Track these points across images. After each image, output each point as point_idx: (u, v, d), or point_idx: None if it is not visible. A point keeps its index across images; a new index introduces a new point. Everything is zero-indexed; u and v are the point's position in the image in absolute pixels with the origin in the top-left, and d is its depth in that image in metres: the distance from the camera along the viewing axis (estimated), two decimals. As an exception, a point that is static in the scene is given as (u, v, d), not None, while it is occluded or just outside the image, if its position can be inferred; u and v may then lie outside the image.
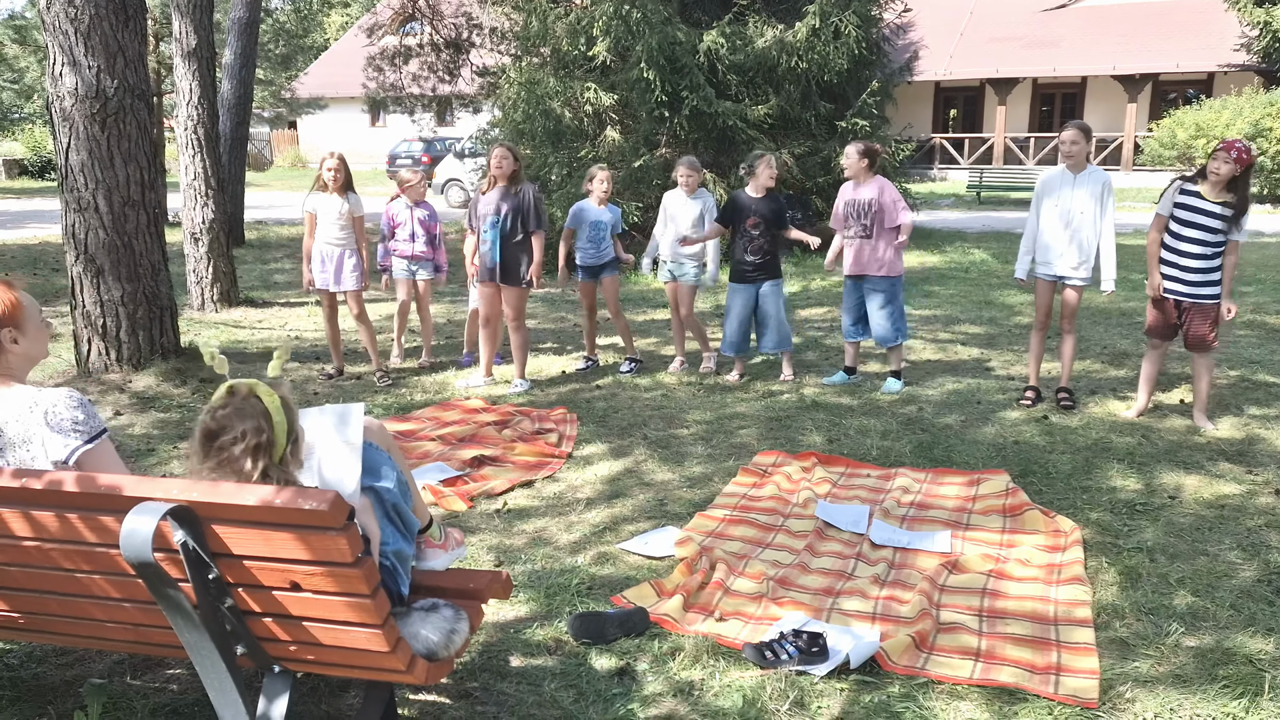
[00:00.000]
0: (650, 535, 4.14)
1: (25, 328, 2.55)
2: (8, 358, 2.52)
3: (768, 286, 6.49)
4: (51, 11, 6.19)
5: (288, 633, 2.26)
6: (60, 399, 2.44)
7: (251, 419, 2.20)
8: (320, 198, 6.45)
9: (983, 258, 12.49)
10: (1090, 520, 4.26)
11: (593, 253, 6.88)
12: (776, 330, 6.55)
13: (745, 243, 6.43)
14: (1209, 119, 19.03)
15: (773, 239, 6.43)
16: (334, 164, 6.40)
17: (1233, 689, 2.95)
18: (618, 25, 11.31)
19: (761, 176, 6.40)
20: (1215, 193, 5.19)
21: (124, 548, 2.05)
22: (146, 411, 6.01)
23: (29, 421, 2.41)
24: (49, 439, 2.39)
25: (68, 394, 2.46)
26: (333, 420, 2.56)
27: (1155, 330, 5.54)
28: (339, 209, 6.40)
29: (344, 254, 6.48)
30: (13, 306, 2.52)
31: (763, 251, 6.42)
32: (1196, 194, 5.24)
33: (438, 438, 5.46)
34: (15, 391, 2.47)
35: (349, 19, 43.79)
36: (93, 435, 2.44)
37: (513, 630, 3.35)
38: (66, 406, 2.42)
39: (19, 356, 2.54)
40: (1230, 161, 5.07)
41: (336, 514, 2.02)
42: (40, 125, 31.64)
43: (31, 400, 2.44)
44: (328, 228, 6.44)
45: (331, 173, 6.37)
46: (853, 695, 2.95)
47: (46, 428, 2.40)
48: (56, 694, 2.95)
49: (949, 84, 27.84)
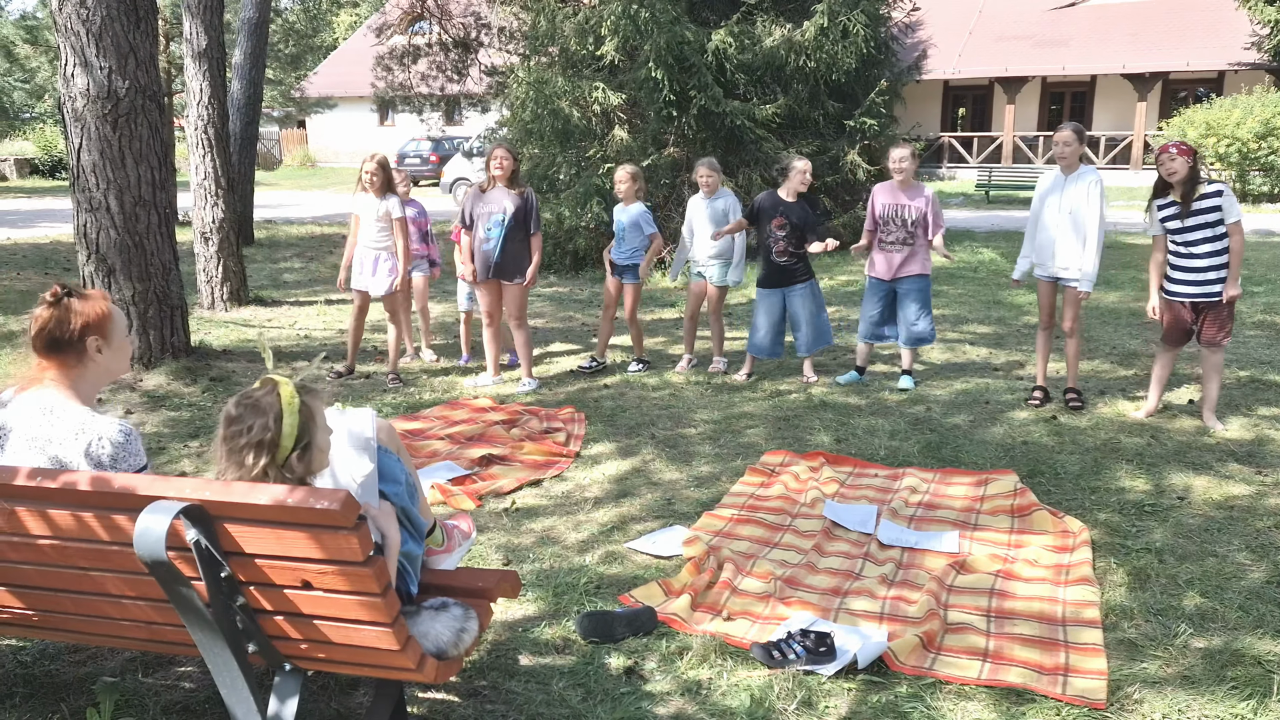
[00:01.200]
0: (658, 535, 4.16)
1: (112, 339, 2.54)
2: (87, 369, 2.50)
3: (797, 291, 6.46)
4: (64, 12, 6.23)
5: (299, 631, 2.28)
6: (108, 432, 2.40)
7: (263, 416, 2.21)
8: (361, 199, 6.52)
9: (991, 257, 12.47)
10: (1099, 521, 4.25)
11: (620, 250, 6.90)
12: (811, 331, 6.52)
13: (771, 244, 6.42)
14: (1219, 118, 18.96)
15: (799, 242, 6.39)
16: (372, 167, 6.45)
17: (1241, 690, 2.94)
18: (626, 25, 11.31)
19: (794, 180, 6.38)
20: (1182, 191, 5.29)
21: (137, 546, 2.07)
22: (157, 410, 6.04)
23: (71, 448, 2.39)
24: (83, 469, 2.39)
25: (117, 428, 2.42)
26: (347, 424, 2.58)
27: (1170, 337, 5.54)
28: (377, 210, 6.44)
29: (380, 257, 6.52)
30: (103, 315, 2.51)
31: (789, 255, 6.39)
32: (1171, 203, 5.35)
33: (446, 437, 5.48)
34: (69, 410, 2.44)
35: (358, 19, 43.89)
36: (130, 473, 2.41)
37: (521, 629, 3.37)
38: (110, 442, 2.39)
39: (100, 369, 2.52)
40: (1176, 157, 5.21)
41: (348, 513, 2.03)
42: (52, 125, 31.80)
43: (80, 426, 2.41)
44: (367, 229, 6.51)
45: (369, 175, 6.42)
46: (860, 695, 2.96)
47: (85, 459, 2.38)
48: (70, 691, 2.97)
49: (958, 83, 27.77)
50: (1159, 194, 5.42)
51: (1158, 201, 5.44)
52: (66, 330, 2.45)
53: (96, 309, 2.50)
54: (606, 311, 7.14)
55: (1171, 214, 5.37)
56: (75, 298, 2.48)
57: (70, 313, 2.46)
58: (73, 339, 2.46)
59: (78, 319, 2.46)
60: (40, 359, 2.49)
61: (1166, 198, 5.38)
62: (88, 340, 2.48)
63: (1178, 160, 5.21)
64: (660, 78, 11.31)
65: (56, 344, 2.46)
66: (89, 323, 2.48)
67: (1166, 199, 5.38)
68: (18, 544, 2.29)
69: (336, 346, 7.80)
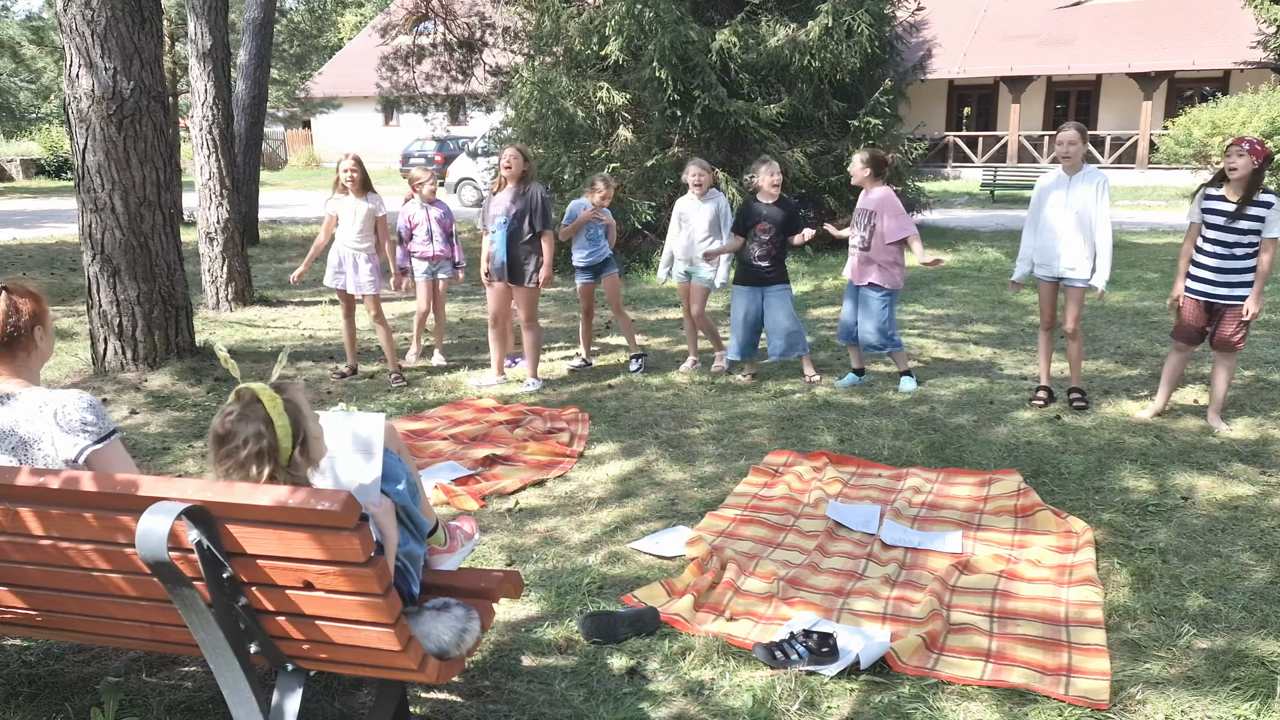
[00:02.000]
0: (661, 535, 4.16)
1: (47, 323, 2.62)
2: (32, 356, 2.57)
3: (773, 292, 6.46)
4: (68, 13, 6.25)
5: (301, 631, 2.28)
6: (70, 400, 2.46)
7: (253, 425, 2.22)
8: (340, 200, 6.49)
9: (996, 257, 12.45)
10: (1102, 521, 4.25)
11: (590, 251, 6.91)
12: (784, 336, 6.51)
13: (754, 246, 6.42)
14: (1225, 116, 18.89)
15: (781, 245, 6.39)
16: (349, 165, 6.43)
17: (1244, 691, 2.94)
18: (630, 24, 11.32)
19: (763, 184, 6.38)
20: (1237, 193, 5.16)
21: (139, 547, 2.07)
22: (162, 410, 6.06)
23: (40, 421, 2.43)
24: (59, 438, 2.42)
25: (78, 395, 2.48)
26: (354, 427, 2.58)
27: (1182, 334, 5.49)
28: (357, 211, 6.43)
29: (361, 257, 6.51)
30: (42, 304, 2.58)
31: (769, 257, 6.40)
32: (1220, 197, 5.22)
33: (450, 437, 5.48)
34: (29, 392, 2.50)
35: (363, 19, 43.94)
36: (102, 436, 2.46)
37: (524, 629, 3.37)
38: (76, 408, 2.45)
39: (40, 355, 2.60)
40: (1245, 154, 5.06)
41: (349, 514, 2.04)
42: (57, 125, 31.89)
43: (41, 401, 2.47)
44: (346, 230, 6.48)
45: (348, 174, 6.40)
46: (863, 696, 2.96)
47: (56, 427, 2.42)
48: (74, 691, 2.98)
49: (963, 82, 27.73)
50: (1214, 184, 5.28)
51: (1208, 189, 5.30)
52: (18, 326, 2.51)
53: (34, 299, 2.56)
54: (584, 313, 7.18)
55: (1215, 208, 5.23)
56: (13, 292, 2.52)
57: (17, 309, 2.51)
58: (22, 334, 2.52)
59: (24, 313, 2.52)
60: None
61: (1219, 189, 5.24)
62: (34, 331, 2.55)
63: (1244, 158, 5.05)
64: (664, 77, 11.31)
65: (10, 341, 2.51)
66: (34, 312, 2.55)
67: (1218, 191, 5.24)
68: (21, 544, 2.30)
69: (340, 348, 7.82)
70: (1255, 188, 5.09)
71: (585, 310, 7.16)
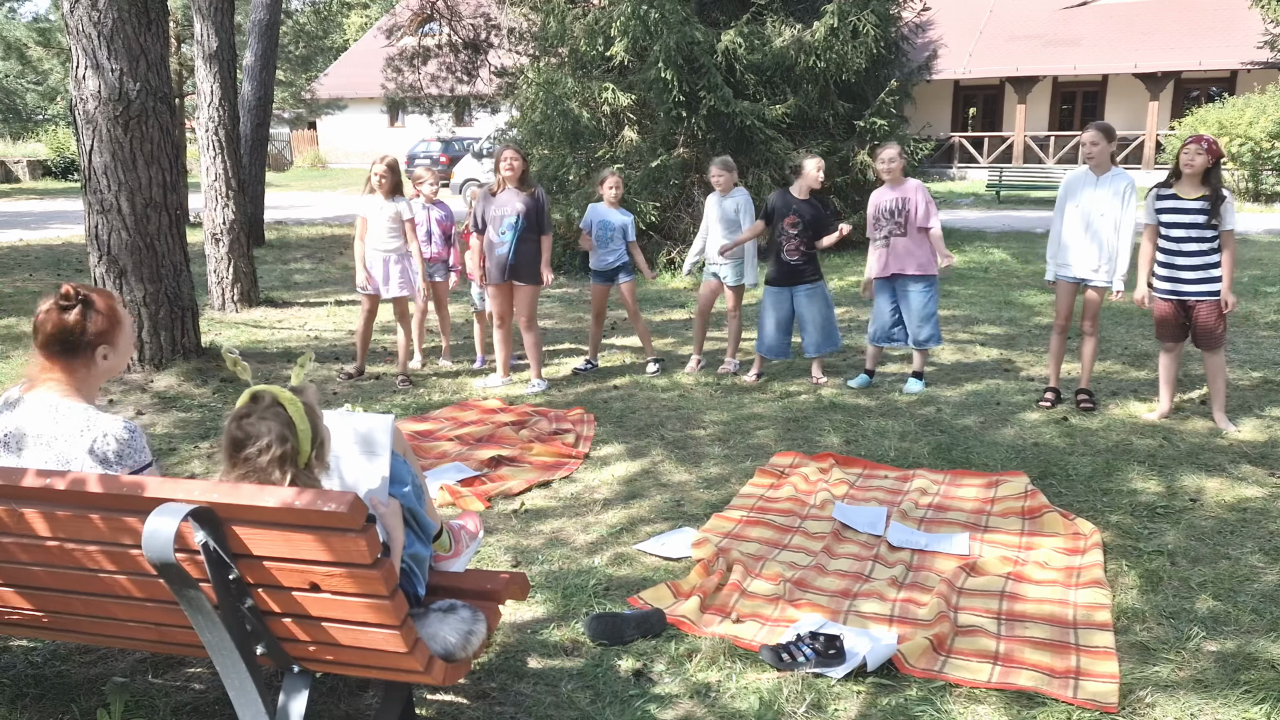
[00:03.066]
0: (667, 536, 4.15)
1: (119, 346, 2.55)
2: (91, 373, 2.51)
3: (804, 290, 6.45)
4: (75, 15, 6.26)
5: (307, 633, 2.28)
6: (112, 429, 2.41)
7: (276, 428, 2.21)
8: (369, 201, 6.51)
9: (1002, 257, 12.42)
10: (1110, 523, 4.23)
11: (601, 254, 6.89)
12: (818, 333, 6.50)
13: (783, 242, 6.40)
14: (1232, 117, 18.84)
15: (810, 241, 6.38)
16: (381, 169, 6.44)
17: (1254, 694, 2.92)
18: (635, 25, 11.31)
19: (808, 177, 6.37)
20: (1191, 188, 5.27)
21: (146, 548, 2.07)
22: (168, 411, 6.07)
23: (76, 445, 2.40)
24: (90, 467, 2.40)
25: (121, 425, 2.43)
26: (361, 427, 2.58)
27: (1164, 332, 5.55)
28: (384, 212, 6.44)
29: (391, 259, 6.52)
30: (116, 325, 2.52)
31: (800, 254, 6.38)
32: (1173, 195, 5.33)
33: (455, 438, 5.48)
34: (74, 410, 2.45)
35: (368, 20, 44.02)
36: (136, 470, 2.43)
37: (530, 631, 3.37)
38: (114, 438, 2.41)
39: (102, 372, 2.54)
40: (1203, 153, 5.19)
41: (356, 515, 2.03)
42: (64, 127, 32.00)
43: (85, 423, 2.42)
44: (377, 232, 6.50)
45: (378, 177, 6.42)
46: (870, 698, 2.95)
47: (90, 456, 2.39)
48: (80, 692, 2.98)
49: (968, 82, 27.69)
50: (1165, 184, 5.39)
51: (1159, 190, 5.41)
52: (81, 338, 2.46)
53: (111, 318, 2.51)
54: (595, 316, 7.15)
55: (1168, 206, 5.34)
56: (92, 305, 2.47)
57: (87, 321, 2.46)
58: (84, 346, 2.47)
59: (92, 328, 2.47)
60: (46, 360, 2.48)
61: (1169, 188, 5.35)
62: (98, 349, 2.50)
63: (1202, 157, 5.18)
64: (670, 78, 11.30)
65: (69, 349, 2.47)
66: (102, 331, 2.49)
67: (1168, 190, 5.35)
68: (28, 545, 2.30)
69: (347, 349, 7.82)
70: (1206, 185, 5.22)
71: (596, 314, 7.14)
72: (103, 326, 2.49)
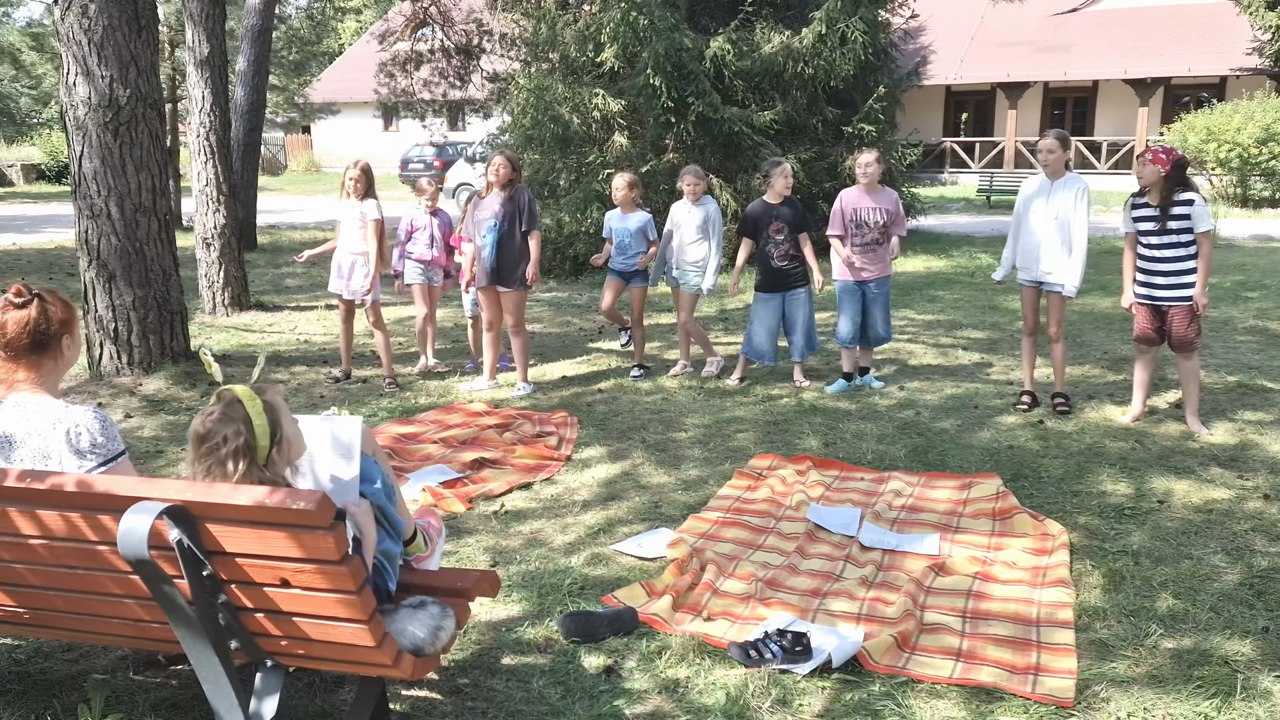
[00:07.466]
0: (644, 537, 4.22)
1: (75, 332, 2.64)
2: (56, 365, 2.58)
3: (793, 295, 6.58)
4: (66, 22, 6.33)
5: (279, 628, 2.35)
6: (84, 420, 2.47)
7: (233, 424, 2.30)
8: (343, 205, 6.61)
9: (989, 262, 12.51)
10: (1078, 524, 4.31)
11: (619, 260, 6.98)
12: (804, 337, 6.66)
13: (772, 249, 6.51)
14: (1220, 123, 18.98)
15: (796, 243, 6.52)
16: (354, 174, 6.55)
17: (1207, 689, 3.00)
18: (625, 32, 11.40)
19: (777, 184, 6.49)
20: (1158, 197, 5.40)
21: (121, 545, 2.14)
22: (156, 414, 6.13)
23: (51, 438, 2.46)
24: (66, 458, 2.46)
25: (92, 416, 2.49)
26: (333, 430, 2.66)
27: (1142, 336, 5.67)
28: (356, 215, 6.53)
29: (358, 262, 6.60)
30: (72, 313, 2.60)
31: (789, 256, 6.52)
32: (1145, 204, 5.50)
33: (440, 440, 5.55)
34: (44, 404, 2.51)
35: (362, 25, 44.08)
36: (109, 457, 2.49)
37: (505, 629, 3.44)
38: (88, 429, 2.47)
39: (65, 363, 2.61)
40: (1147, 164, 5.37)
41: (324, 513, 2.11)
42: (57, 131, 31.98)
43: (56, 417, 2.48)
44: (348, 234, 6.60)
45: (352, 182, 6.52)
46: (834, 693, 3.02)
47: (66, 446, 2.45)
48: (62, 688, 3.05)
49: (960, 88, 27.83)
50: (1139, 193, 5.56)
51: (1134, 199, 5.59)
52: (49, 330, 2.54)
53: (66, 306, 2.59)
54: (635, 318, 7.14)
55: (1143, 215, 5.50)
56: (44, 298, 2.55)
57: (48, 314, 2.54)
58: (52, 338, 2.56)
59: (55, 318, 2.55)
60: (10, 362, 2.54)
61: (1143, 196, 5.52)
62: (62, 339, 2.58)
63: (1147, 168, 5.37)
64: (659, 84, 11.40)
65: (38, 345, 2.54)
66: (64, 320, 2.58)
67: (1142, 199, 5.52)
68: (9, 543, 2.37)
69: (335, 353, 7.88)
70: (1172, 191, 5.33)
71: (609, 304, 7.17)
72: (63, 315, 2.57)
